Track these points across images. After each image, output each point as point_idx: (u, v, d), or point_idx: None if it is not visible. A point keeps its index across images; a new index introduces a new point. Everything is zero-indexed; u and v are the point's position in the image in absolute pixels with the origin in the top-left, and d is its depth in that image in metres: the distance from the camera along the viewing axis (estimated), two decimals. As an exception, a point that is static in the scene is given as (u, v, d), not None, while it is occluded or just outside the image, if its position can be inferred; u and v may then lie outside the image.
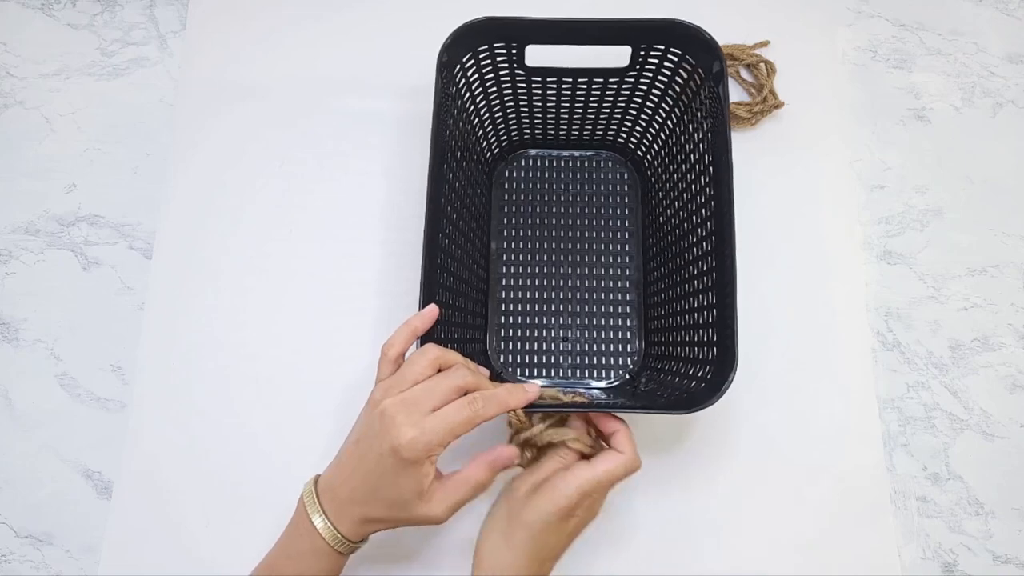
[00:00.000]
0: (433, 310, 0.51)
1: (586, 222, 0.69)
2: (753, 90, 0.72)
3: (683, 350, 0.57)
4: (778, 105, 0.70)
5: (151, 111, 0.73)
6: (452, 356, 0.49)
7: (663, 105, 0.62)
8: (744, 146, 0.70)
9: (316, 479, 0.50)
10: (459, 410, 0.46)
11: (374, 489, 0.47)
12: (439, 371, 0.48)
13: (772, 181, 0.69)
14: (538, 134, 0.69)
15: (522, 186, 0.70)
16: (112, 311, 0.68)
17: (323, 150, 0.71)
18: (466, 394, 0.47)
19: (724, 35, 0.71)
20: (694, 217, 0.57)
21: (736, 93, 0.73)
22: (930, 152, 0.71)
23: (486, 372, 0.50)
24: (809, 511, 0.61)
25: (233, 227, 0.69)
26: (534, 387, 0.50)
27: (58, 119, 0.73)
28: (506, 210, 0.69)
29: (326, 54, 0.74)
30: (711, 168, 0.55)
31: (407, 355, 0.49)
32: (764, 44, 0.72)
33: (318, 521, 0.48)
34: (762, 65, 0.71)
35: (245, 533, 0.61)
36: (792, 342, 0.65)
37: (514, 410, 0.49)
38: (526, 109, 0.65)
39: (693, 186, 0.57)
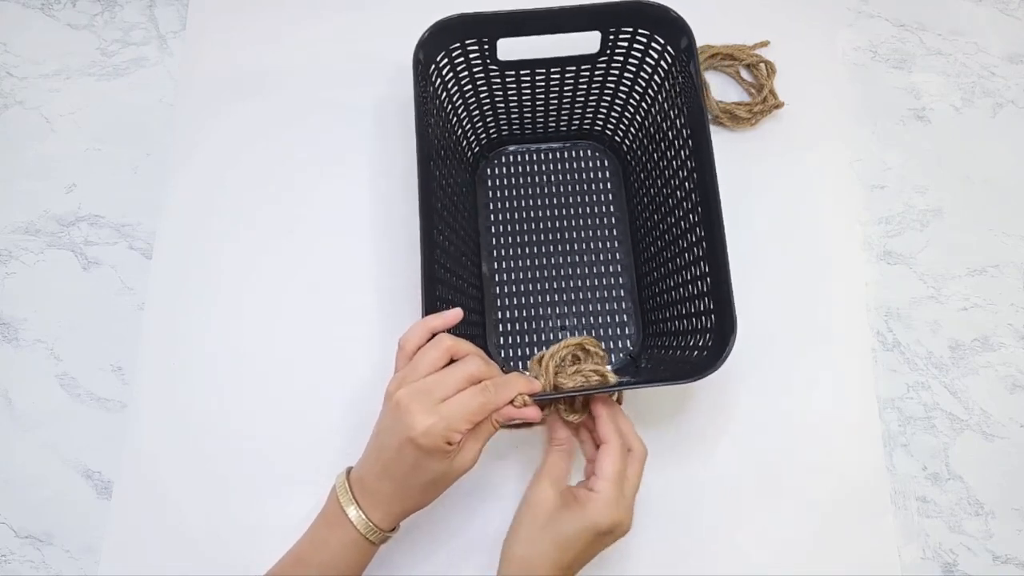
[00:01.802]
0: (457, 313, 0.51)
1: (572, 212, 0.69)
2: (753, 90, 0.72)
3: (681, 323, 0.57)
4: (778, 105, 0.70)
5: (151, 111, 0.73)
6: (465, 346, 0.48)
7: (636, 88, 0.63)
8: (744, 146, 0.70)
9: (348, 471, 0.50)
10: (473, 396, 0.45)
11: (402, 480, 0.47)
12: (451, 361, 0.48)
13: (772, 181, 0.69)
14: (516, 129, 0.69)
15: (506, 182, 0.70)
16: (112, 311, 0.68)
17: (322, 149, 0.71)
18: (478, 383, 0.47)
19: (724, 35, 0.72)
20: (678, 192, 0.57)
21: (736, 93, 0.73)
22: (930, 152, 0.71)
23: (496, 366, 0.50)
24: (809, 511, 0.61)
25: (233, 227, 0.69)
26: (539, 382, 0.50)
27: (58, 119, 0.73)
28: (492, 207, 0.69)
29: (327, 53, 0.74)
30: (690, 142, 0.55)
31: None
32: (764, 44, 0.72)
33: (352, 512, 0.48)
34: (762, 65, 0.71)
35: (245, 533, 0.61)
36: (792, 342, 0.65)
37: (522, 395, 0.48)
38: (502, 105, 0.65)
39: (674, 162, 0.58)
